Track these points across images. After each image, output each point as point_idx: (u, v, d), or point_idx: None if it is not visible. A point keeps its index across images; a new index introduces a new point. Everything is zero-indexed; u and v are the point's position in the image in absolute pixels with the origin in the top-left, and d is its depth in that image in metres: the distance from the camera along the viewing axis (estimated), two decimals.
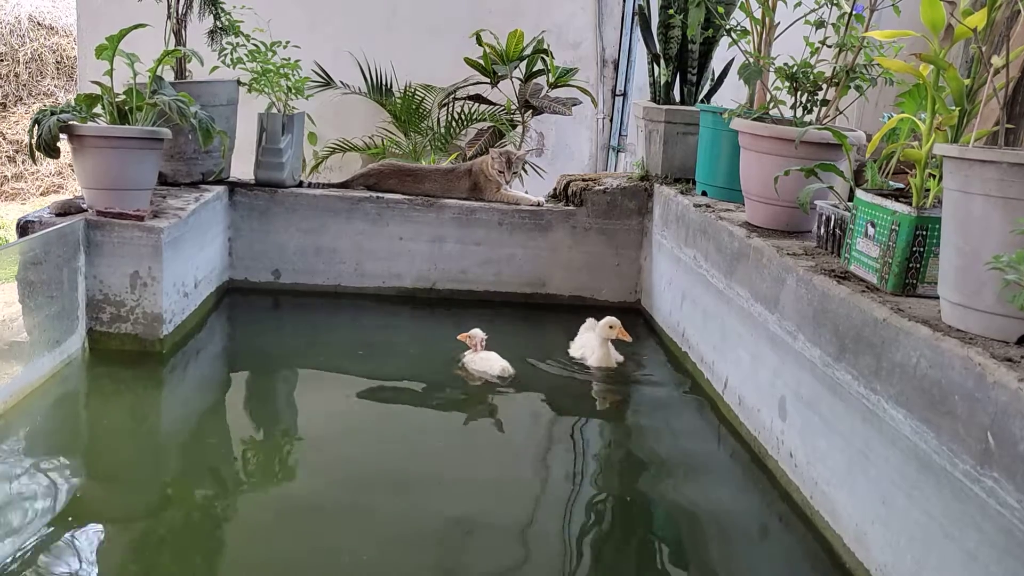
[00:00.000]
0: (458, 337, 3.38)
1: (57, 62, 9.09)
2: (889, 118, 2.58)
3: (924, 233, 2.23)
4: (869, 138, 2.72)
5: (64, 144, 3.14)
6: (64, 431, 2.74)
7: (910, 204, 2.29)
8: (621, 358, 3.47)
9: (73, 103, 3.23)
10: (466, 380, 3.24)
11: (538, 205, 4.21)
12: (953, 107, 2.29)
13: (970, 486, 1.72)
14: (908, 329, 1.99)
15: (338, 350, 3.56)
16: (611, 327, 3.39)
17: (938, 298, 2.05)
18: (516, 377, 3.25)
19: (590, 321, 3.64)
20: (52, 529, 2.12)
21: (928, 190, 2.29)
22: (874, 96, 3.66)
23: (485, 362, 3.29)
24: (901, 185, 2.60)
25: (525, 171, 5.32)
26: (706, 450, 2.88)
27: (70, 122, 3.11)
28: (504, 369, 3.25)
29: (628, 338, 3.39)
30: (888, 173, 2.68)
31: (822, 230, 2.83)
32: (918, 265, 2.25)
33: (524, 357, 3.43)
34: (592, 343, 3.45)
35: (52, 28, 9.18)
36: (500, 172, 4.17)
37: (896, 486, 1.99)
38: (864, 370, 2.16)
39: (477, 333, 3.37)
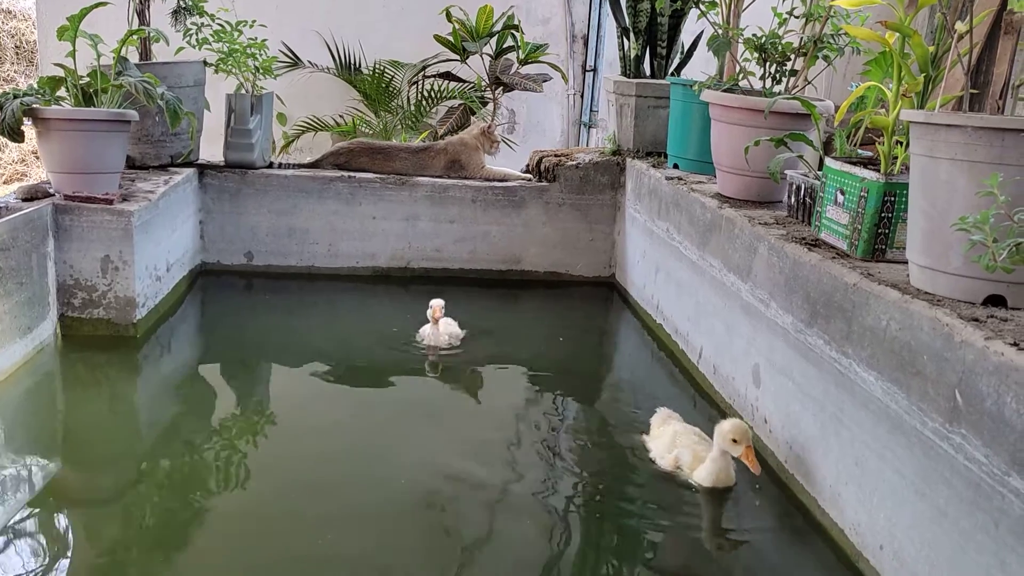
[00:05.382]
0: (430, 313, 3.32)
1: (16, 46, 8.89)
2: (856, 87, 2.61)
3: (892, 199, 2.27)
4: (837, 107, 2.75)
5: (28, 129, 3.10)
6: (38, 417, 2.71)
7: (878, 171, 2.32)
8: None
9: (36, 86, 3.18)
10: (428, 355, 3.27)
11: (528, 180, 4.21)
12: (919, 74, 2.32)
13: (939, 443, 1.76)
14: (878, 293, 2.02)
15: (312, 332, 3.55)
16: (735, 440, 2.32)
17: (907, 262, 2.09)
18: (466, 340, 3.33)
19: (663, 412, 2.69)
20: (27, 514, 2.11)
21: (896, 157, 2.33)
22: (842, 66, 3.69)
23: (448, 327, 3.32)
24: (869, 153, 2.63)
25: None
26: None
27: (34, 105, 3.05)
28: (454, 335, 3.30)
29: (757, 468, 2.34)
30: (857, 142, 2.72)
31: (793, 199, 2.86)
32: (887, 231, 2.29)
33: (515, 351, 3.43)
34: (687, 444, 2.49)
35: (9, 12, 8.97)
36: (493, 144, 4.19)
37: (868, 447, 2.04)
38: (835, 335, 2.19)
39: (436, 302, 3.30)
